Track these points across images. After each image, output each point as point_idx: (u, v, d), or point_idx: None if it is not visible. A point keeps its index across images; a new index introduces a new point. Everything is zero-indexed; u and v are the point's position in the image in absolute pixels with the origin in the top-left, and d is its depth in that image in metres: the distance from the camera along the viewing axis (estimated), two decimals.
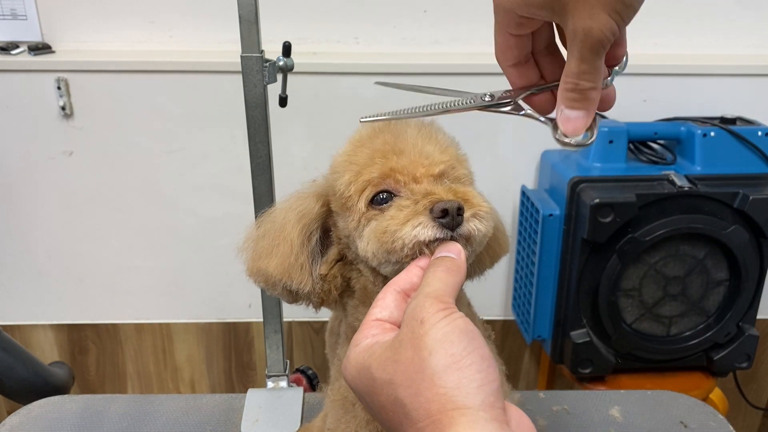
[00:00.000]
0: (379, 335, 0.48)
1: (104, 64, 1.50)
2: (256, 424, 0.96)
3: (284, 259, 0.60)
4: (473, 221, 0.54)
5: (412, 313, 0.46)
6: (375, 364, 0.46)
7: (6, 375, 1.14)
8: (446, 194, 0.54)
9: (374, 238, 0.55)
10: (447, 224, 0.52)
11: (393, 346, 0.46)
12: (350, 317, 0.65)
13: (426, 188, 0.55)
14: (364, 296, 0.62)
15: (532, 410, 0.98)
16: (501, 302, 1.78)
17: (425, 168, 0.56)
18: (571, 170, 1.42)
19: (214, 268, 1.69)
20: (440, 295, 0.47)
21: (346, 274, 0.63)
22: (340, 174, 0.59)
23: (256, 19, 0.85)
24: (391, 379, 0.44)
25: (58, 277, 1.71)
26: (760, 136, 1.43)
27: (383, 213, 0.56)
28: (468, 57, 1.55)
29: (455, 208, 0.52)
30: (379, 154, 0.57)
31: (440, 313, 0.45)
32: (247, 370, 1.86)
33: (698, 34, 1.59)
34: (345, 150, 0.61)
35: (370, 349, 0.47)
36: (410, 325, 0.45)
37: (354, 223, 0.58)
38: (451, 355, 0.43)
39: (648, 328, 1.47)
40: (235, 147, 1.57)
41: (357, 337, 0.49)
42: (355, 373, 0.48)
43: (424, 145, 0.57)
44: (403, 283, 0.52)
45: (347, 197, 0.58)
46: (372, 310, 0.51)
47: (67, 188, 1.61)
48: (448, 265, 0.50)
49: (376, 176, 0.56)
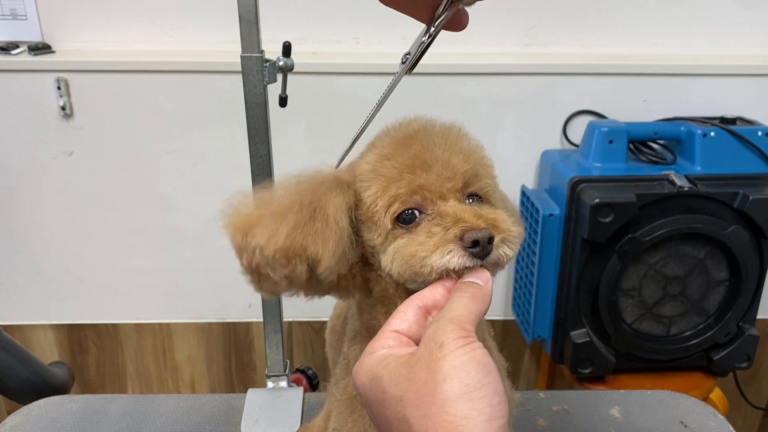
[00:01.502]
0: (395, 348, 0.48)
1: (104, 64, 1.50)
2: (256, 424, 0.96)
3: (332, 240, 0.55)
4: (502, 247, 0.53)
5: (432, 334, 0.46)
6: (387, 377, 0.46)
7: (6, 375, 1.14)
8: (476, 220, 0.53)
9: (401, 259, 0.54)
10: (477, 254, 0.52)
11: (409, 363, 0.46)
12: (366, 315, 0.65)
13: (456, 212, 0.54)
14: (384, 298, 0.62)
15: (532, 410, 0.98)
16: (501, 302, 1.78)
17: (452, 183, 0.56)
18: (571, 170, 1.42)
19: (214, 268, 1.69)
20: (462, 321, 0.47)
21: (365, 274, 0.62)
22: (366, 185, 0.58)
23: (256, 19, 0.85)
24: (401, 397, 0.45)
25: (58, 277, 1.71)
26: (760, 136, 1.43)
27: (410, 232, 0.55)
28: (468, 57, 1.55)
29: (486, 239, 0.52)
30: (407, 169, 0.56)
31: (460, 340, 0.45)
32: (247, 370, 1.86)
33: (698, 34, 1.59)
34: (371, 158, 0.59)
35: (384, 359, 0.47)
36: (429, 346, 0.45)
37: (380, 239, 0.57)
38: (465, 384, 0.43)
39: (648, 328, 1.47)
40: (235, 147, 1.57)
41: (373, 344, 0.49)
42: (366, 380, 0.48)
43: (451, 156, 0.57)
44: (426, 299, 0.51)
45: (374, 211, 0.57)
46: (391, 320, 0.50)
47: (67, 188, 1.61)
48: (475, 292, 0.50)
49: (404, 192, 0.55)
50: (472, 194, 0.58)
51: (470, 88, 1.56)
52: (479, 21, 1.74)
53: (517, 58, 1.56)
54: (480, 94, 1.56)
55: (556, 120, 1.59)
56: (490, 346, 0.68)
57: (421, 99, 1.55)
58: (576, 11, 1.56)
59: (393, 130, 0.61)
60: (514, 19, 1.56)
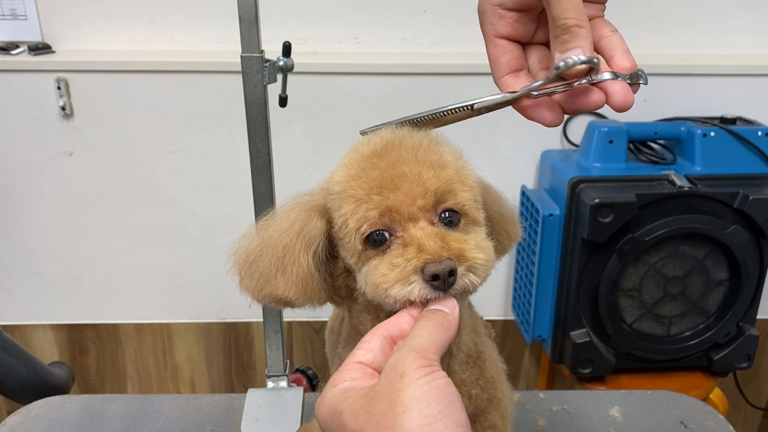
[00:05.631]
0: (358, 380, 0.47)
1: (104, 64, 1.50)
2: (256, 424, 0.96)
3: (297, 281, 0.58)
4: (468, 276, 0.52)
5: (394, 364, 0.45)
6: (347, 411, 0.45)
7: (6, 375, 1.14)
8: (439, 250, 0.51)
9: (369, 287, 0.54)
10: (438, 287, 0.51)
11: (369, 395, 0.45)
12: (354, 320, 0.65)
13: (420, 240, 0.52)
14: (369, 306, 0.61)
15: (532, 410, 0.98)
16: (501, 302, 1.78)
17: (423, 201, 0.54)
18: (571, 170, 1.42)
19: (214, 268, 1.69)
20: (425, 350, 0.46)
21: (350, 284, 0.62)
22: (337, 205, 0.57)
23: (256, 19, 0.85)
24: (361, 430, 0.44)
25: (58, 277, 1.71)
26: (760, 136, 1.43)
27: (381, 253, 0.54)
28: (468, 57, 1.55)
29: (446, 272, 0.50)
30: (374, 190, 0.54)
31: (422, 369, 0.44)
32: (247, 370, 1.86)
33: (698, 34, 1.59)
34: (340, 177, 0.57)
35: (345, 392, 0.46)
36: (390, 376, 0.44)
37: (353, 259, 0.57)
38: (426, 416, 0.42)
39: (648, 328, 1.47)
40: (235, 147, 1.57)
41: (336, 377, 0.48)
42: (327, 414, 0.47)
43: (421, 172, 0.54)
44: (392, 328, 0.51)
45: (345, 232, 0.56)
46: (356, 351, 0.50)
47: (67, 188, 1.61)
48: (440, 320, 0.49)
49: (373, 215, 0.54)
50: (448, 210, 0.55)
51: (470, 88, 1.56)
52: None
53: None
54: (480, 94, 1.56)
55: None
56: (487, 352, 0.68)
57: (421, 99, 1.55)
58: None
59: (361, 145, 0.58)
60: None
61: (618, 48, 0.54)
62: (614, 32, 0.55)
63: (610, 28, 0.55)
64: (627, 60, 0.54)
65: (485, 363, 0.66)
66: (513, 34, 0.56)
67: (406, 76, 1.53)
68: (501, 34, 0.56)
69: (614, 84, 0.52)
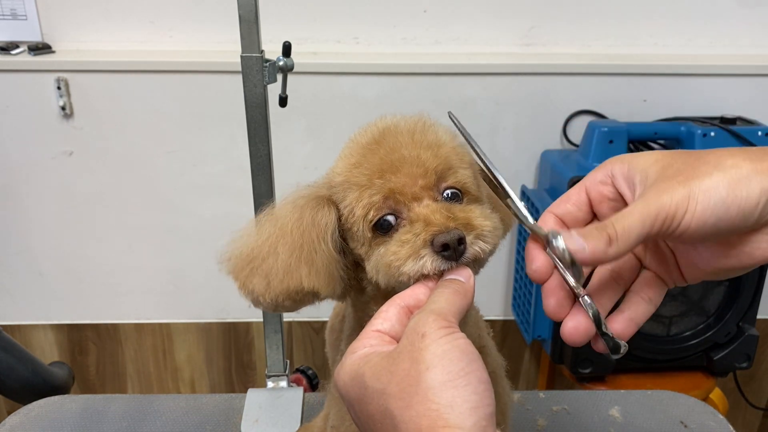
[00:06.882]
0: (377, 346, 0.48)
1: (104, 64, 1.50)
2: (256, 424, 0.96)
3: (321, 269, 0.58)
4: (477, 243, 0.53)
5: (414, 326, 0.46)
6: (369, 373, 0.46)
7: (6, 375, 1.14)
8: (446, 221, 0.52)
9: (382, 269, 0.55)
10: (450, 256, 0.52)
11: (391, 356, 0.45)
12: (360, 312, 0.65)
13: (426, 215, 0.53)
14: (377, 296, 0.61)
15: (532, 410, 0.98)
16: (501, 302, 1.78)
17: (424, 180, 0.55)
18: (571, 170, 1.42)
19: (214, 268, 1.68)
20: (444, 313, 0.47)
21: (358, 275, 0.63)
22: (341, 196, 0.58)
23: (256, 19, 0.85)
24: (383, 389, 0.44)
25: (58, 277, 1.71)
26: (760, 136, 1.43)
27: (389, 239, 0.55)
28: (468, 57, 1.55)
29: (455, 240, 0.51)
30: (376, 175, 0.55)
31: (443, 330, 0.45)
32: (247, 370, 1.86)
33: (698, 34, 1.59)
34: (341, 168, 0.58)
35: (366, 357, 0.47)
36: (411, 337, 0.45)
37: (363, 248, 0.57)
38: (449, 372, 0.42)
39: (648, 328, 1.46)
40: (235, 147, 1.57)
41: (354, 345, 0.49)
42: (348, 379, 0.47)
43: (419, 153, 0.56)
44: (408, 298, 0.51)
45: (352, 222, 0.57)
46: (373, 321, 0.50)
47: (67, 188, 1.61)
48: (456, 287, 0.50)
49: (377, 200, 0.55)
50: (450, 188, 0.57)
51: (470, 88, 1.56)
52: (480, 21, 1.74)
53: (517, 58, 1.56)
54: (480, 94, 1.56)
55: (556, 120, 1.59)
56: (489, 346, 0.68)
57: (421, 99, 1.55)
58: (576, 11, 1.56)
59: (358, 135, 0.60)
60: (515, 19, 1.56)
61: (636, 314, 0.54)
62: (649, 302, 0.55)
63: (651, 296, 0.55)
64: (625, 328, 0.53)
65: (487, 357, 0.66)
66: (598, 207, 0.53)
67: (406, 76, 1.53)
68: (590, 198, 0.53)
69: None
